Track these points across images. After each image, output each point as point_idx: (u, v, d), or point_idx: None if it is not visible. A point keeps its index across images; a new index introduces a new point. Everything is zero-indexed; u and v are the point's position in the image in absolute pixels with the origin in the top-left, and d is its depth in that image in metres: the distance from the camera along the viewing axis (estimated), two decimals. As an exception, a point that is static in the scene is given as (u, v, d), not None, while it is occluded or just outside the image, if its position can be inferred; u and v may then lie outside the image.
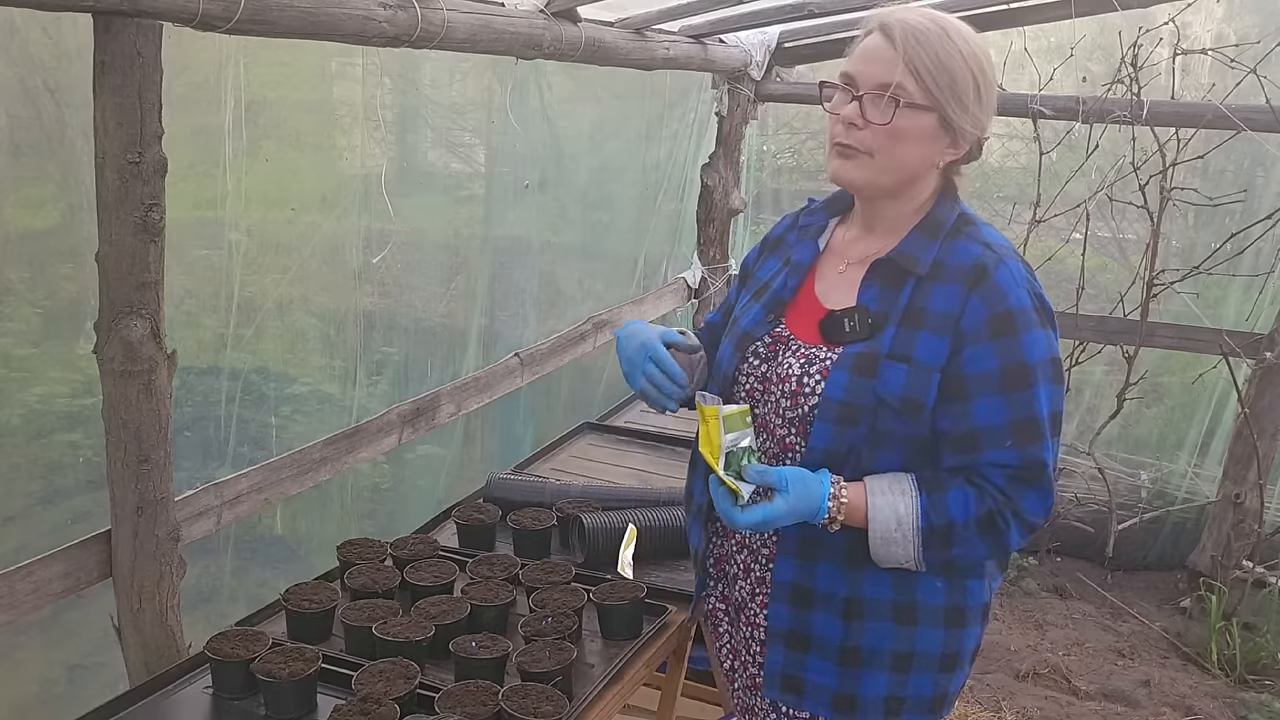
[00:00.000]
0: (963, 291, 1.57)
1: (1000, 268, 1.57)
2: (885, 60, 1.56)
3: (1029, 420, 1.56)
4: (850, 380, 1.60)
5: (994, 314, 1.55)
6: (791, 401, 1.66)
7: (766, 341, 1.73)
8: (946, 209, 1.66)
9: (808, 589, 1.68)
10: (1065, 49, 4.00)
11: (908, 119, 1.56)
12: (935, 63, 1.54)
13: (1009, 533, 1.59)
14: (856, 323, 1.63)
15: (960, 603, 1.68)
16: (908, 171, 1.62)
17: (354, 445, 2.70)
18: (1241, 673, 3.77)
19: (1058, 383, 1.59)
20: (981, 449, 1.57)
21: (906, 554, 1.60)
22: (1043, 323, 1.58)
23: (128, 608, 2.06)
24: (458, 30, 2.44)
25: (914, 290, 1.61)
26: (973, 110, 1.58)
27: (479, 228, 3.46)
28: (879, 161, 1.60)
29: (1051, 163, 4.12)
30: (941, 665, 1.69)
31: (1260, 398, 4.01)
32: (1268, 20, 4.13)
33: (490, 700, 1.72)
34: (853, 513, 1.60)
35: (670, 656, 2.20)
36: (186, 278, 2.36)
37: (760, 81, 4.40)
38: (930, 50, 1.54)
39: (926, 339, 1.57)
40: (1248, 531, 4.06)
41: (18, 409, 2.11)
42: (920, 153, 1.60)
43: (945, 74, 1.55)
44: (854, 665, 1.68)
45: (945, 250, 1.61)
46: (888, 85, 1.55)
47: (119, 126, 1.84)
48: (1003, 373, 1.55)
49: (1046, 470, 1.57)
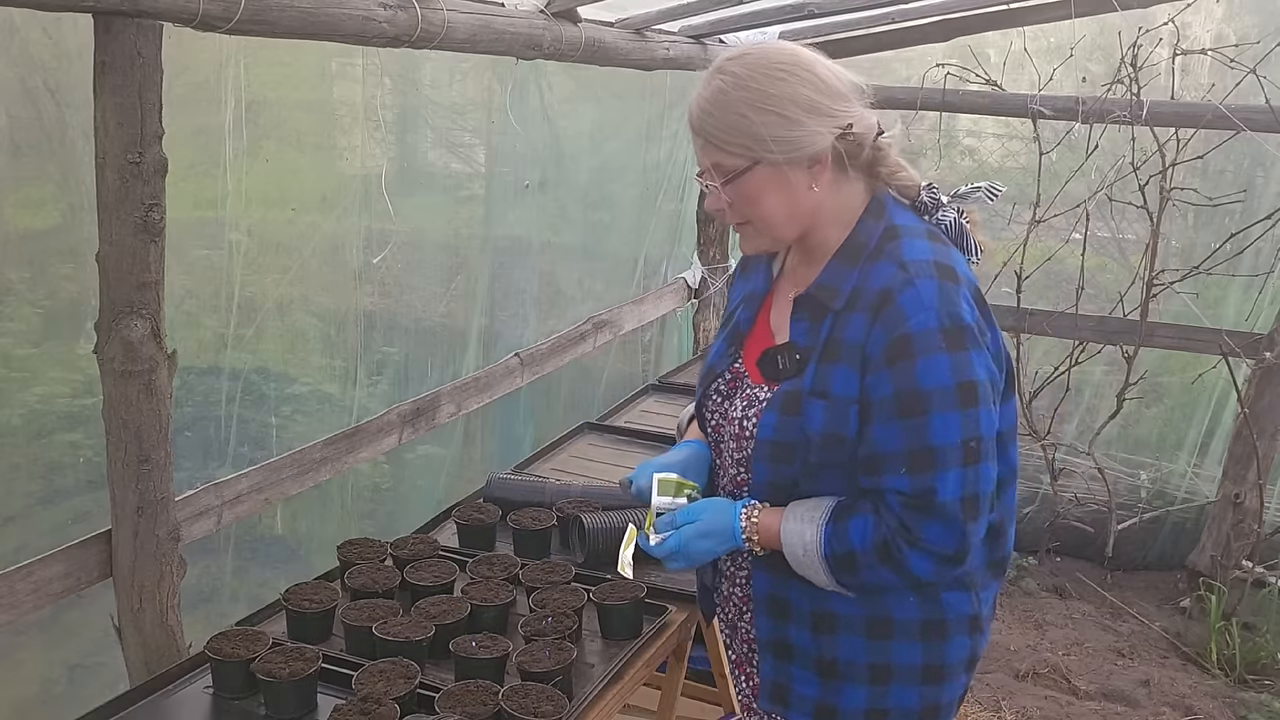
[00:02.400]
0: (869, 319, 1.54)
1: (907, 290, 1.52)
2: (698, 148, 1.60)
3: (922, 449, 1.51)
4: (779, 420, 1.61)
5: (891, 339, 1.51)
6: (737, 444, 1.70)
7: (727, 378, 1.75)
8: (869, 228, 1.61)
9: (783, 600, 1.70)
10: (1065, 49, 4.00)
11: (742, 184, 1.57)
12: (726, 127, 1.54)
13: (907, 559, 1.55)
14: (787, 360, 1.63)
15: (937, 616, 1.66)
16: (788, 217, 1.60)
17: (354, 445, 2.70)
18: (1241, 673, 3.77)
19: (965, 407, 1.50)
20: (881, 473, 1.55)
21: (820, 578, 1.61)
22: (950, 345, 1.50)
23: (128, 608, 2.06)
24: (458, 30, 2.44)
25: (833, 323, 1.59)
26: (794, 132, 1.53)
27: (479, 228, 3.46)
28: (759, 226, 1.62)
29: (1051, 163, 4.12)
30: (925, 677, 1.67)
31: (1260, 398, 4.01)
32: (1267, 20, 4.13)
33: (490, 700, 1.72)
34: (767, 535, 1.64)
35: (670, 656, 2.20)
36: (187, 278, 2.36)
37: (760, 81, 4.39)
38: (716, 120, 1.55)
39: (842, 372, 1.56)
40: (1247, 531, 4.07)
41: (18, 409, 2.11)
42: (781, 198, 1.58)
43: (739, 131, 1.54)
44: (833, 677, 1.68)
45: (864, 275, 1.58)
46: (708, 166, 1.59)
47: (119, 126, 1.84)
48: (897, 399, 1.51)
49: (938, 500, 1.51)
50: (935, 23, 4.02)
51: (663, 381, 3.76)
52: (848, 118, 1.55)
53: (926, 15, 3.97)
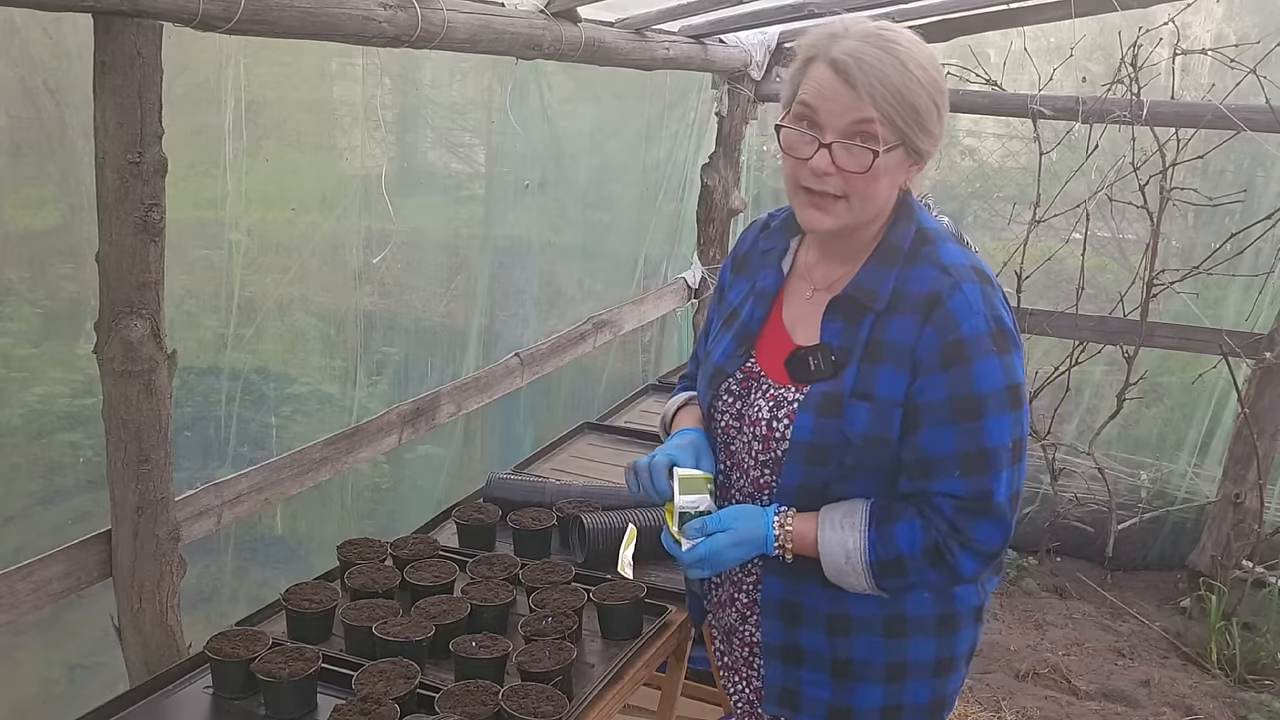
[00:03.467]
0: (918, 322, 1.54)
1: (955, 295, 1.53)
2: (847, 102, 1.48)
3: (978, 451, 1.53)
4: (816, 422, 1.58)
5: (945, 343, 1.52)
6: (764, 445, 1.66)
7: (739, 378, 1.71)
8: (902, 230, 1.61)
9: (795, 604, 1.68)
10: (1065, 49, 4.00)
11: (881, 159, 1.51)
12: (899, 99, 1.48)
13: (959, 562, 1.57)
14: (821, 361, 1.61)
15: (950, 610, 1.68)
16: (880, 205, 1.58)
17: (354, 445, 2.70)
18: (1241, 673, 3.77)
19: (1014, 409, 1.54)
20: (931, 478, 1.55)
21: (860, 584, 1.60)
22: (999, 349, 1.53)
23: (128, 608, 2.06)
24: (458, 30, 2.44)
25: (873, 324, 1.57)
26: (935, 132, 1.54)
27: (479, 228, 3.46)
28: (854, 204, 1.55)
29: (1051, 163, 4.12)
30: (936, 671, 1.69)
31: (1260, 398, 4.01)
32: (1268, 20, 4.13)
33: (490, 700, 1.72)
34: (801, 543, 1.61)
35: (670, 656, 2.20)
36: (186, 278, 2.36)
37: (760, 81, 4.40)
38: (893, 87, 1.47)
39: (887, 374, 1.55)
40: (1247, 531, 4.06)
41: (18, 409, 2.11)
42: (891, 185, 1.56)
43: (910, 109, 1.49)
44: (847, 678, 1.68)
45: (903, 278, 1.57)
46: (856, 129, 1.49)
47: (119, 126, 1.84)
48: (951, 403, 1.52)
49: (994, 501, 1.54)
50: (935, 23, 4.01)
51: (663, 381, 3.76)
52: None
53: (926, 15, 3.97)
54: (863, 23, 1.53)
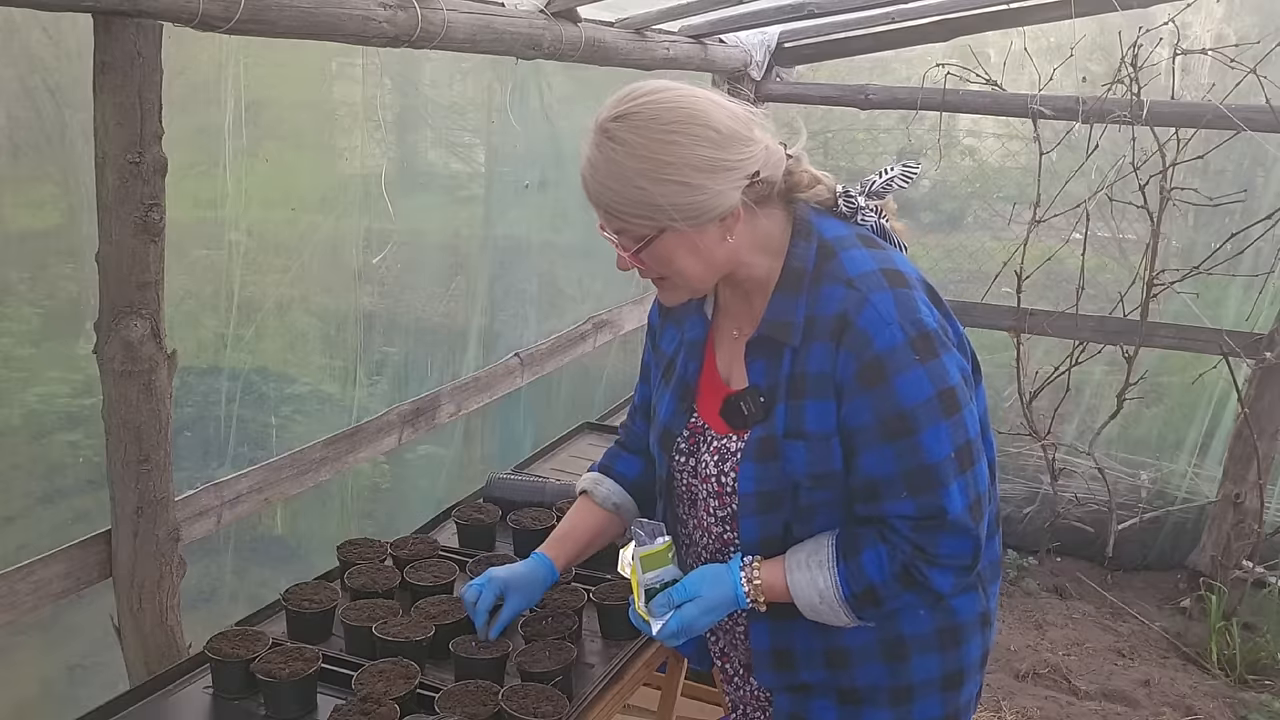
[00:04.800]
0: (832, 347, 1.47)
1: (864, 310, 1.45)
2: (599, 214, 1.51)
3: (918, 469, 1.46)
4: (757, 469, 1.54)
5: (862, 364, 1.45)
6: (719, 501, 1.64)
7: (686, 435, 1.68)
8: (801, 251, 1.52)
9: (786, 651, 1.65)
10: (1065, 49, 4.00)
11: (652, 250, 1.47)
12: (624, 199, 1.44)
13: (931, 580, 1.52)
14: (751, 404, 1.56)
15: (951, 622, 1.64)
16: (706, 271, 1.52)
17: (354, 445, 2.70)
18: (1241, 673, 3.77)
19: (949, 415, 1.46)
20: (880, 499, 1.50)
21: (840, 619, 1.56)
22: (922, 356, 1.44)
23: (128, 608, 2.06)
24: (458, 30, 2.44)
25: (792, 357, 1.52)
26: (698, 197, 1.43)
27: (479, 228, 3.46)
28: (679, 281, 1.53)
29: (1051, 163, 4.11)
30: (945, 685, 1.65)
31: (1260, 398, 4.01)
32: (1268, 20, 4.13)
33: (490, 700, 1.72)
34: (773, 591, 1.57)
35: (670, 656, 2.20)
36: (186, 278, 2.36)
37: (760, 81, 4.40)
38: (614, 193, 1.45)
39: (814, 406, 1.50)
40: (1248, 531, 4.06)
41: (18, 409, 2.11)
42: (695, 257, 1.49)
43: (639, 203, 1.44)
44: (854, 703, 1.65)
45: (813, 301, 1.50)
46: (612, 232, 1.50)
47: (119, 126, 1.84)
48: (881, 425, 1.46)
49: (950, 516, 1.47)
50: (935, 22, 4.02)
51: (663, 381, 3.75)
52: (752, 164, 1.46)
53: (926, 15, 3.97)
54: (624, 94, 1.49)
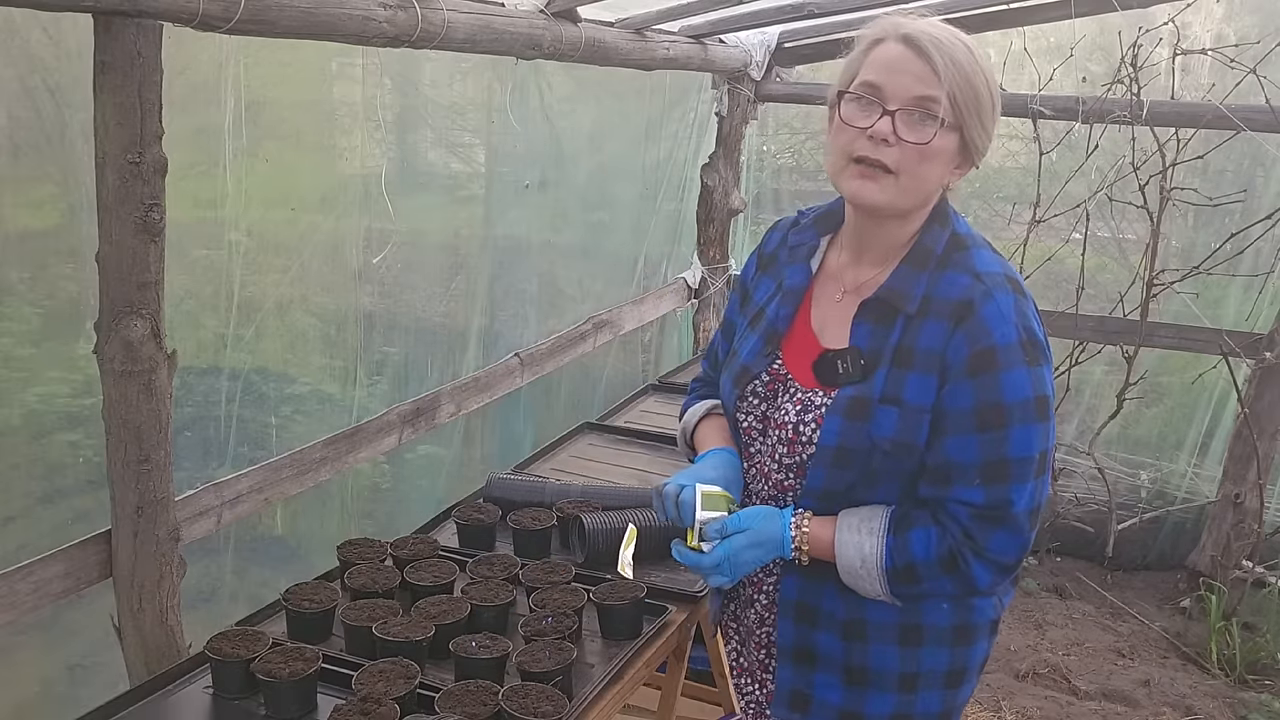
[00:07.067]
0: (948, 328, 1.53)
1: (988, 303, 1.52)
2: (917, 74, 1.49)
3: (998, 461, 1.52)
4: (844, 425, 1.57)
5: (975, 350, 1.51)
6: (788, 449, 1.65)
7: (764, 380, 1.70)
8: (936, 234, 1.60)
9: (812, 607, 1.67)
10: (1065, 49, 4.00)
11: (940, 138, 1.50)
12: (965, 81, 1.49)
13: (973, 572, 1.56)
14: (850, 365, 1.59)
15: (967, 620, 1.67)
16: (926, 192, 1.57)
17: (354, 445, 2.70)
18: (1241, 673, 3.77)
19: (1042, 421, 1.53)
20: (951, 484, 1.55)
21: (874, 589, 1.60)
22: (1029, 359, 1.52)
23: (128, 608, 2.06)
24: (458, 30, 2.44)
25: (904, 328, 1.57)
26: (989, 128, 1.55)
27: (479, 228, 3.46)
28: (904, 182, 1.53)
29: (1051, 163, 4.12)
30: (948, 682, 1.69)
31: (1260, 398, 4.01)
32: (1268, 20, 4.13)
33: (490, 700, 1.72)
34: (817, 546, 1.61)
35: (670, 656, 2.20)
36: (186, 278, 2.36)
37: (760, 81, 4.40)
38: (961, 68, 1.49)
39: (915, 379, 1.54)
40: (1247, 531, 4.07)
41: (18, 409, 2.11)
42: (940, 173, 1.55)
43: (973, 93, 1.50)
44: (859, 684, 1.67)
45: (934, 282, 1.56)
46: (923, 100, 1.49)
47: (119, 126, 1.84)
48: (977, 411, 1.52)
49: (1012, 511, 1.53)
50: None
51: (663, 381, 3.76)
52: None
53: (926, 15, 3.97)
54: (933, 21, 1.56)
